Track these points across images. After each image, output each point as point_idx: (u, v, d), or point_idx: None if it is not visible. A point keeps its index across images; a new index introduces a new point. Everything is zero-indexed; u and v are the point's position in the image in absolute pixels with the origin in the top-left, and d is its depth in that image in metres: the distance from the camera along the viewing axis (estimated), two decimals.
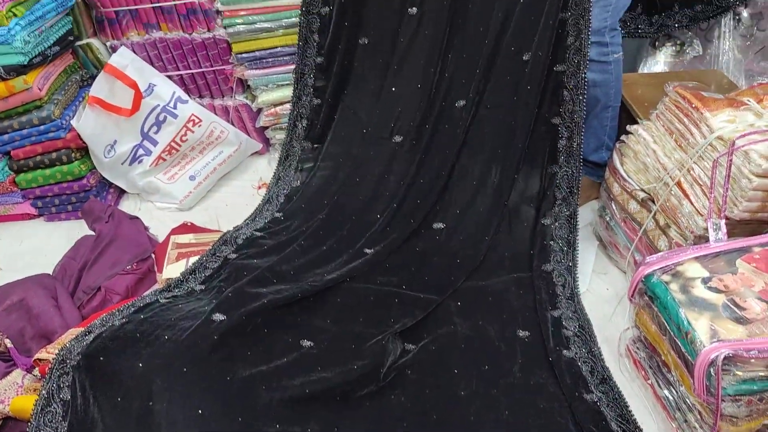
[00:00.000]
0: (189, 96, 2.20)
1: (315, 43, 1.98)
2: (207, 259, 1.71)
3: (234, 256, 1.72)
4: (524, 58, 1.78)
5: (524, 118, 1.80)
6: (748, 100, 1.56)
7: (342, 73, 1.99)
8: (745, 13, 2.13)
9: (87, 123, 2.00)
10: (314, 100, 2.02)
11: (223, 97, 2.29)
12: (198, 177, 2.15)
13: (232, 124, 2.27)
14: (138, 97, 2.04)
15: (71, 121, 1.99)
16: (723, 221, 1.44)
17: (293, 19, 2.11)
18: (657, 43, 2.29)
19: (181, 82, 2.23)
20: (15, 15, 1.80)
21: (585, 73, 1.72)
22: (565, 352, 1.49)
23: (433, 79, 1.90)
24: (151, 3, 2.10)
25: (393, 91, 1.95)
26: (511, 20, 1.77)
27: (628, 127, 1.76)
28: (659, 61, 2.25)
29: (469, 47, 1.85)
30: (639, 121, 1.83)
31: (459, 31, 1.86)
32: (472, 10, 1.83)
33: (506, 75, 1.81)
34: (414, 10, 1.90)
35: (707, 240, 1.45)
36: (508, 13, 1.78)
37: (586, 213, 1.96)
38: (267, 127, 2.32)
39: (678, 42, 2.26)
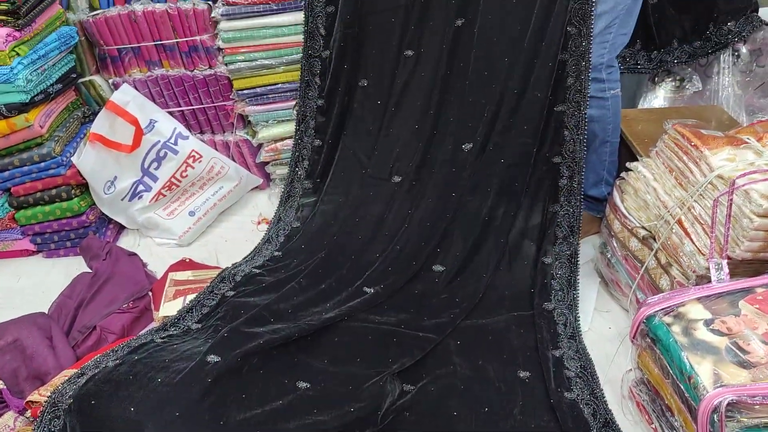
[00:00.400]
0: (190, 132, 2.21)
1: (316, 86, 2.01)
2: (204, 296, 1.70)
3: (231, 293, 1.71)
4: (526, 97, 1.78)
5: (525, 157, 1.80)
6: (748, 138, 1.55)
7: (342, 114, 2.01)
8: (744, 50, 2.13)
9: (87, 159, 2.01)
10: (315, 141, 2.04)
11: (223, 132, 2.30)
12: (198, 212, 2.15)
13: (233, 160, 2.28)
14: (139, 134, 2.05)
15: (72, 158, 2.00)
16: (725, 261, 1.42)
17: (294, 56, 2.13)
18: (656, 79, 2.29)
19: (182, 118, 2.25)
20: (18, 54, 1.82)
21: (585, 114, 1.72)
22: (566, 394, 1.46)
23: (433, 121, 1.92)
24: (153, 41, 2.13)
25: (391, 132, 1.97)
26: (519, 65, 1.78)
27: (628, 164, 1.76)
28: (659, 97, 2.25)
29: (474, 91, 1.86)
30: (639, 157, 1.83)
31: (462, 74, 1.87)
32: (476, 54, 1.84)
33: (510, 116, 1.81)
34: (410, 52, 1.93)
35: (709, 280, 1.43)
36: (516, 57, 1.79)
37: (587, 249, 1.94)
38: (267, 163, 2.32)
39: (677, 78, 2.26)
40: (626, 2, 1.70)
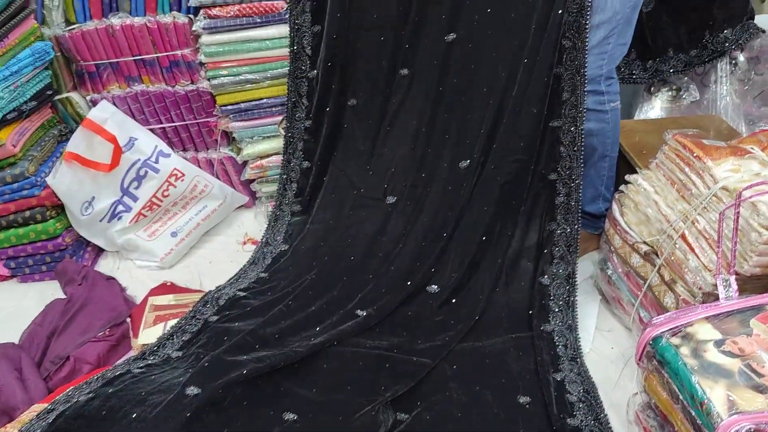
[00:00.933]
0: (172, 149, 2.13)
1: (304, 107, 1.96)
2: (186, 322, 1.61)
3: (215, 318, 1.63)
4: (521, 113, 1.72)
5: (521, 175, 1.73)
6: (752, 148, 1.49)
7: (331, 135, 1.95)
8: (741, 57, 2.08)
9: (63, 179, 1.92)
10: (303, 163, 1.98)
11: (207, 149, 2.23)
12: (180, 233, 2.06)
13: (217, 178, 2.20)
14: (117, 152, 1.97)
15: (47, 178, 1.91)
16: (733, 277, 1.35)
17: (279, 70, 2.06)
18: (653, 89, 2.24)
19: (164, 135, 2.17)
20: None
21: (582, 129, 1.66)
22: (569, 420, 1.38)
23: (428, 139, 1.86)
24: (133, 56, 2.05)
25: (385, 152, 1.92)
26: (514, 80, 1.72)
27: (627, 177, 1.69)
28: (655, 107, 2.20)
29: (471, 107, 1.80)
30: (638, 170, 1.76)
31: (457, 90, 1.82)
32: (471, 69, 1.78)
33: (506, 133, 1.75)
34: (405, 71, 1.87)
35: (717, 297, 1.35)
36: (511, 72, 1.73)
37: (586, 266, 1.87)
38: (253, 180, 2.24)
39: (674, 87, 2.21)
40: (624, 12, 1.64)
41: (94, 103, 2.09)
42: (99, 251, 2.11)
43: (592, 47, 1.66)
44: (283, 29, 1.99)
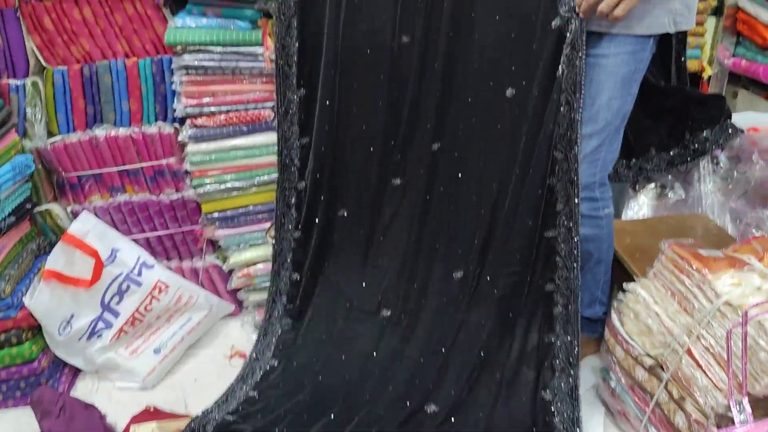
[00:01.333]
0: (155, 259, 2.06)
1: (293, 218, 1.92)
2: None
3: None
4: (515, 224, 1.71)
5: (518, 287, 1.71)
6: (749, 258, 1.49)
7: (321, 246, 1.92)
8: (722, 157, 2.12)
9: (41, 299, 1.83)
10: (293, 275, 1.94)
11: (192, 258, 2.16)
12: (163, 349, 1.97)
13: (202, 287, 2.13)
14: (99, 266, 1.90)
15: (23, 298, 1.82)
16: (745, 399, 1.31)
17: (266, 176, 2.04)
18: (637, 186, 2.26)
19: (147, 244, 2.11)
20: None
21: (578, 240, 1.65)
22: None
23: (420, 249, 1.85)
24: (117, 166, 2.01)
25: (378, 264, 1.88)
26: (506, 191, 1.72)
27: (624, 285, 1.67)
28: (642, 205, 2.21)
29: (462, 218, 1.80)
30: (635, 277, 1.75)
31: (446, 201, 1.81)
32: (460, 180, 1.78)
33: (500, 245, 1.73)
34: (398, 181, 1.86)
35: (731, 419, 1.31)
36: (502, 183, 1.73)
37: (587, 373, 1.82)
38: (239, 289, 2.18)
39: (658, 184, 2.23)
40: (615, 123, 1.66)
41: (75, 214, 2.03)
42: (76, 372, 2.00)
43: (585, 156, 1.67)
44: (271, 137, 1.98)
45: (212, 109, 1.96)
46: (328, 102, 1.82)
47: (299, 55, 1.82)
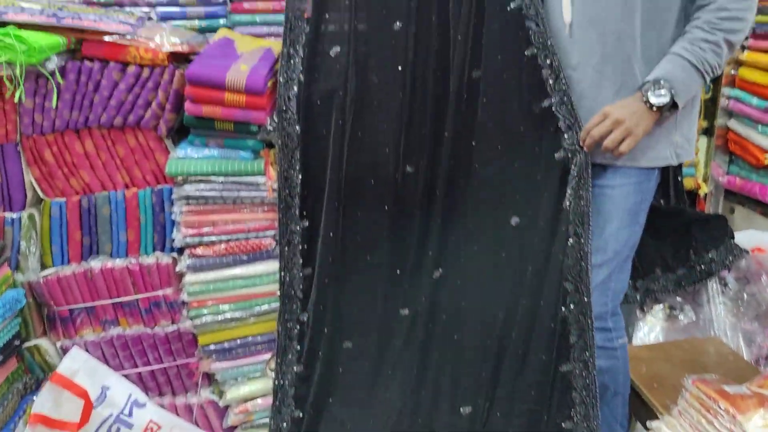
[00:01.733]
0: (147, 395, 1.95)
1: (295, 351, 1.84)
2: None
3: None
4: (526, 357, 1.64)
5: (533, 426, 1.62)
6: None
7: (324, 382, 1.83)
8: (730, 278, 2.10)
9: None
10: (295, 412, 1.83)
11: (186, 393, 2.05)
12: None
13: (196, 425, 2.00)
14: (87, 409, 1.79)
15: None
16: None
17: (265, 306, 1.98)
18: (645, 307, 2.21)
19: (140, 380, 2.00)
20: None
21: (594, 372, 1.58)
22: None
23: (425, 382, 1.78)
24: (111, 299, 1.94)
25: (386, 398, 1.79)
26: (512, 321, 1.67)
27: (648, 424, 1.58)
28: (653, 328, 2.16)
29: (467, 349, 1.73)
30: (655, 410, 1.67)
31: (450, 330, 1.76)
32: (464, 309, 1.74)
33: (511, 381, 1.66)
34: (406, 311, 1.82)
35: None
36: (508, 314, 1.68)
37: None
38: (236, 427, 2.05)
39: (667, 305, 2.19)
40: (624, 252, 1.65)
41: (65, 350, 1.93)
42: None
43: (595, 286, 1.63)
44: (272, 265, 1.94)
45: (212, 238, 1.92)
46: (331, 234, 1.80)
47: (302, 187, 1.81)
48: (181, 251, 1.96)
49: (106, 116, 1.85)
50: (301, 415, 1.83)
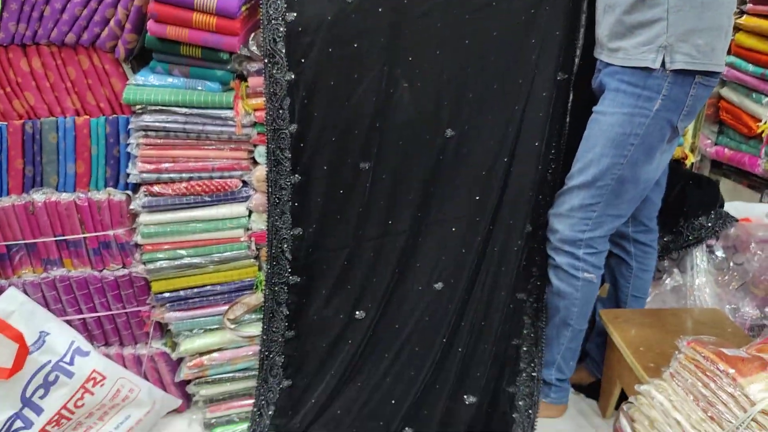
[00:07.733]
0: (92, 344, 1.78)
1: (283, 316, 1.79)
2: None
3: None
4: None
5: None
6: None
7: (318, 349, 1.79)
8: (718, 246, 2.02)
9: None
10: (284, 382, 1.77)
11: (135, 344, 1.89)
12: None
13: (146, 378, 1.84)
14: (22, 353, 1.61)
15: None
16: None
17: (227, 253, 1.82)
18: None
19: (84, 327, 1.83)
20: None
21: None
22: None
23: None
24: (55, 236, 1.76)
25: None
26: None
27: (636, 387, 1.49)
28: None
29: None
30: (636, 370, 1.59)
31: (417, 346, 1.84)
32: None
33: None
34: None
35: None
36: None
37: None
38: (189, 381, 1.89)
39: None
40: (605, 181, 1.60)
41: (1, 290, 1.74)
42: None
43: (572, 208, 1.64)
44: (236, 209, 1.79)
45: (172, 175, 1.75)
46: (341, 191, 1.76)
47: (296, 139, 1.69)
48: (136, 188, 1.79)
49: (57, 32, 1.65)
50: (290, 383, 1.73)
